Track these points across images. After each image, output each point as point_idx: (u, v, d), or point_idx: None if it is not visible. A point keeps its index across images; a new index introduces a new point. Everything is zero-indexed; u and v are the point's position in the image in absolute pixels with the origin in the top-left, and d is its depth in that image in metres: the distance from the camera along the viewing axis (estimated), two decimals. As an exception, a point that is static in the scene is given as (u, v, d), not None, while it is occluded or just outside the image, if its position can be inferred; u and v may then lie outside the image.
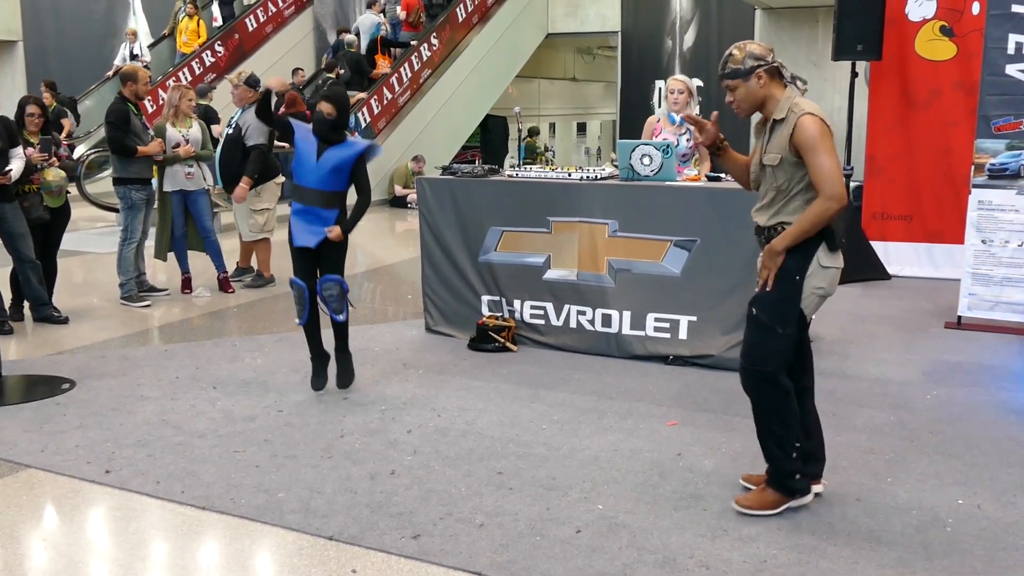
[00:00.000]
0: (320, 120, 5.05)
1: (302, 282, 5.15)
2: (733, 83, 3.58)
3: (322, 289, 5.17)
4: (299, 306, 5.21)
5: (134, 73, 7.58)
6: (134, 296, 7.62)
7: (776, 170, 3.57)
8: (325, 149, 5.09)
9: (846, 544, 3.48)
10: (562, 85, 24.60)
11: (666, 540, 3.51)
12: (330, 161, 5.07)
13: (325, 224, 5.11)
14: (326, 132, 5.07)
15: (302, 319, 5.24)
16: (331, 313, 5.21)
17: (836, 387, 5.41)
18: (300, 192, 5.17)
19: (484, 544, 3.48)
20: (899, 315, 7.28)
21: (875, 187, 8.84)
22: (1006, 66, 6.58)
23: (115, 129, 7.36)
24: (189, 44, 16.89)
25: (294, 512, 3.76)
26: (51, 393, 5.29)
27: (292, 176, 5.22)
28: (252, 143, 7.82)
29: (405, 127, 16.03)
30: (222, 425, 4.78)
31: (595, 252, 6.02)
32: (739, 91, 3.58)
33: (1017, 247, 6.54)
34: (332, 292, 5.16)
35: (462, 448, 4.45)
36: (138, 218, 7.56)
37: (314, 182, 5.10)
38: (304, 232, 5.14)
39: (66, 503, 3.91)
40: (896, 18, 8.49)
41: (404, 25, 17.30)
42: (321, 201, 5.11)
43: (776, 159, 3.56)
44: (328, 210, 5.12)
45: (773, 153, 3.57)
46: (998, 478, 4.11)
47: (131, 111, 7.42)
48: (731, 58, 3.59)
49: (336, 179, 5.11)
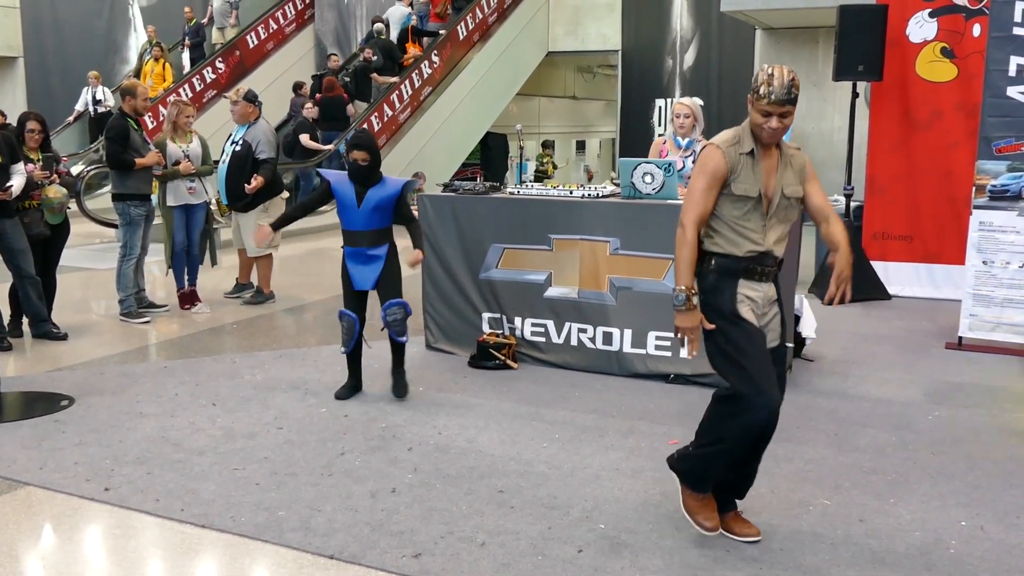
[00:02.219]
0: (355, 168, 5.35)
1: (353, 315, 5.47)
2: (792, 110, 3.45)
3: (386, 314, 5.42)
4: (346, 336, 5.48)
5: (133, 88, 7.60)
6: (133, 312, 7.61)
7: (796, 203, 3.59)
8: (365, 192, 5.35)
9: (849, 565, 3.47)
10: (562, 103, 24.66)
11: (668, 560, 3.50)
12: (371, 202, 5.36)
13: (378, 261, 5.43)
14: (364, 177, 5.35)
15: (347, 348, 5.52)
16: (394, 335, 5.47)
17: (838, 407, 5.40)
18: (350, 236, 5.47)
19: (486, 563, 3.46)
20: (900, 335, 7.27)
21: (876, 207, 8.84)
22: (1007, 88, 6.60)
23: (113, 144, 7.37)
24: (154, 88, 16.19)
25: (294, 530, 3.74)
26: (50, 410, 5.26)
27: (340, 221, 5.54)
28: (264, 157, 7.91)
29: (405, 144, 16.06)
30: (222, 442, 4.76)
31: (596, 270, 6.02)
32: (789, 119, 3.46)
33: (1018, 268, 6.54)
34: (397, 316, 5.42)
35: (463, 466, 4.44)
36: (137, 234, 7.54)
37: (361, 224, 5.40)
38: (361, 275, 5.46)
39: (65, 521, 3.89)
40: (897, 39, 8.52)
41: (432, 16, 17.70)
42: (370, 240, 5.42)
43: (800, 192, 3.58)
44: (377, 248, 5.44)
45: (796, 186, 3.57)
46: (1001, 499, 4.10)
47: (130, 126, 7.43)
48: (795, 84, 3.42)
49: (380, 217, 5.41)
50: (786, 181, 3.54)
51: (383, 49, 16.46)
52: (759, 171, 3.51)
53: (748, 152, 3.50)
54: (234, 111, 8.11)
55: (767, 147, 3.53)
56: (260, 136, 7.78)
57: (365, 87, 16.20)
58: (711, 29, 17.18)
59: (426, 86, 16.48)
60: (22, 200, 6.66)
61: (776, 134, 3.46)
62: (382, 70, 16.22)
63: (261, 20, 17.52)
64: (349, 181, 5.39)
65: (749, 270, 3.54)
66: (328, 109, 15.05)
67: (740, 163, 3.49)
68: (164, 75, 16.84)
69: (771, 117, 3.41)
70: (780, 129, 3.44)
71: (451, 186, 6.76)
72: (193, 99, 14.80)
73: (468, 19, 17.27)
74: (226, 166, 8.04)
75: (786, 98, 3.38)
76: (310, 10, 18.44)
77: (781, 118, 3.42)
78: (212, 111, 15.42)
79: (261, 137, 7.78)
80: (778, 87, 3.38)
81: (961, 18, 8.38)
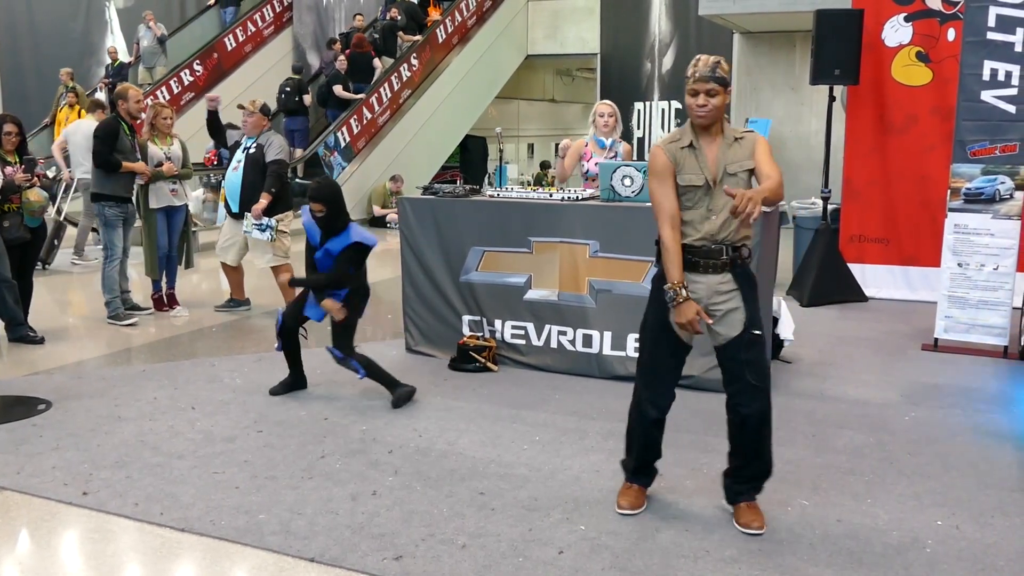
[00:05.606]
0: (315, 218, 5.41)
1: (280, 315, 5.67)
2: (718, 88, 3.61)
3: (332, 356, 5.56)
4: (277, 335, 5.67)
5: (125, 92, 7.58)
6: (120, 315, 7.56)
7: (743, 178, 3.69)
8: (327, 238, 5.44)
9: (827, 565, 3.50)
10: (541, 106, 24.71)
11: (648, 561, 3.51)
12: (326, 247, 5.44)
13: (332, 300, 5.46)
14: (323, 226, 5.42)
15: (277, 346, 5.70)
16: (357, 374, 5.50)
17: (815, 408, 5.44)
18: (311, 271, 5.58)
19: (466, 565, 3.47)
20: (877, 337, 7.33)
21: (852, 210, 8.91)
22: (981, 92, 6.69)
23: (101, 143, 7.33)
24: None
25: (275, 534, 3.73)
26: (27, 414, 5.23)
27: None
28: (271, 158, 7.56)
29: (385, 147, 16.06)
30: (201, 446, 4.75)
31: (576, 272, 6.04)
32: (718, 99, 3.63)
33: (992, 271, 6.62)
34: (337, 359, 5.51)
35: (443, 468, 4.44)
36: (115, 235, 7.49)
37: (320, 266, 5.50)
38: (315, 306, 5.55)
39: (43, 525, 3.86)
40: (873, 43, 8.60)
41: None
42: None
43: (748, 165, 3.68)
44: (338, 291, 5.48)
45: (742, 161, 3.68)
46: (976, 499, 4.14)
47: (121, 128, 7.39)
48: (720, 66, 3.63)
49: (331, 264, 5.47)
50: (730, 160, 3.68)
51: (406, 11, 17.70)
52: (703, 159, 3.69)
53: (688, 145, 3.69)
54: (247, 122, 7.75)
55: (710, 135, 3.70)
56: (273, 139, 7.63)
57: (392, 44, 17.25)
58: (689, 33, 17.27)
59: (405, 89, 16.49)
60: (1, 204, 6.61)
61: (708, 112, 3.63)
62: (405, 30, 17.42)
63: (240, 22, 17.45)
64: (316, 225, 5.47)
65: (692, 263, 3.71)
66: (357, 64, 16.22)
67: (682, 156, 3.69)
68: None
69: (698, 95, 3.61)
70: (709, 107, 3.62)
71: (431, 189, 6.76)
72: (171, 101, 14.71)
73: (447, 22, 17.30)
74: (239, 173, 7.69)
75: (709, 75, 3.59)
76: (288, 12, 18.39)
77: (708, 95, 3.61)
78: (189, 114, 15.33)
79: (274, 140, 7.63)
80: (702, 66, 3.62)
81: (936, 22, 8.47)
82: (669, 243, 3.67)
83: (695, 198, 3.68)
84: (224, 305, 8.27)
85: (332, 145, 15.22)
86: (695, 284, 3.71)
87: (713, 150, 3.69)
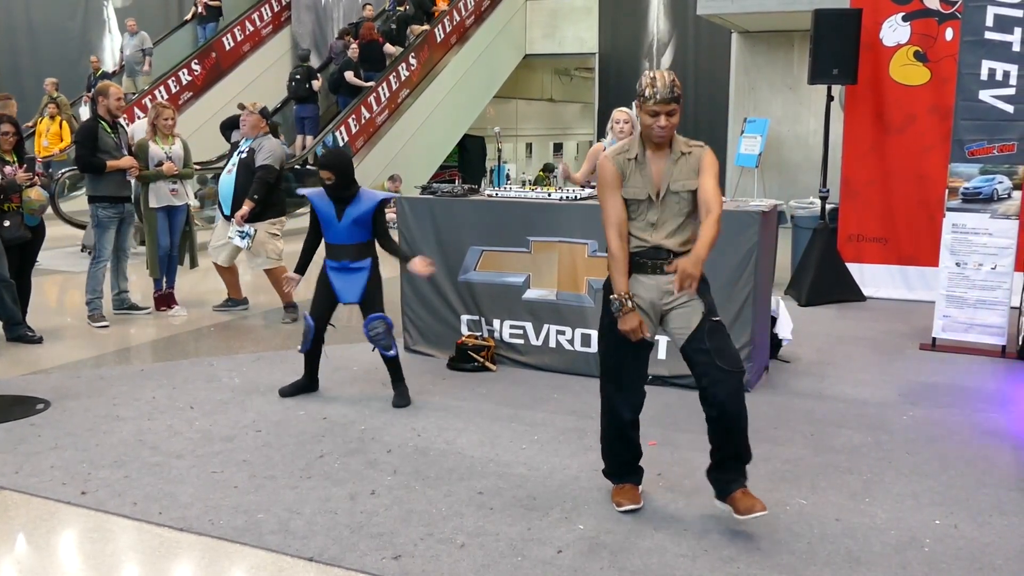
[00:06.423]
0: (325, 187, 5.40)
1: (312, 321, 5.53)
2: (677, 108, 3.68)
3: (368, 329, 5.44)
4: (304, 338, 5.57)
5: (105, 89, 7.54)
6: (96, 316, 7.50)
7: (686, 197, 3.75)
8: (343, 208, 5.40)
9: (825, 564, 3.50)
10: (540, 106, 24.70)
11: (647, 560, 3.52)
12: (350, 216, 5.41)
13: (362, 273, 5.48)
14: (335, 194, 5.39)
15: (302, 348, 5.61)
16: (381, 350, 5.47)
17: (814, 408, 5.45)
18: (332, 250, 5.53)
19: (465, 565, 3.47)
20: (875, 336, 7.34)
21: (850, 210, 8.91)
22: (979, 92, 6.69)
23: (81, 147, 7.32)
24: (49, 148, 14.81)
25: (273, 533, 3.73)
26: (26, 414, 5.23)
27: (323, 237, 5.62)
28: (259, 163, 7.55)
29: (383, 146, 16.04)
30: (200, 445, 4.75)
31: (575, 272, 6.04)
32: (676, 117, 3.70)
33: (990, 270, 6.62)
34: (378, 330, 5.43)
35: (442, 468, 4.44)
36: (106, 237, 7.45)
37: (343, 238, 5.45)
38: (345, 289, 5.50)
39: (41, 525, 3.86)
40: (871, 43, 8.60)
41: None
42: (353, 254, 5.47)
43: (692, 185, 3.74)
44: (360, 261, 5.48)
45: (686, 180, 3.74)
46: (974, 498, 4.15)
47: (100, 128, 7.36)
48: (676, 84, 3.68)
49: (360, 231, 5.46)
50: (675, 177, 3.75)
51: (415, 2, 18.01)
52: (647, 173, 3.76)
53: (634, 158, 3.76)
54: (245, 121, 7.73)
55: (658, 148, 3.76)
56: (265, 144, 7.63)
57: (402, 35, 17.59)
58: (687, 32, 17.27)
59: (404, 88, 16.48)
60: (1, 203, 6.60)
61: (668, 133, 3.70)
62: (412, 19, 17.65)
63: (238, 22, 17.43)
64: (328, 198, 5.42)
65: (639, 264, 3.80)
66: (367, 52, 16.44)
67: (628, 168, 3.77)
68: (61, 135, 15.01)
69: (659, 116, 3.66)
70: (669, 127, 3.69)
71: (429, 188, 6.76)
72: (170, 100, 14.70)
73: (446, 22, 17.30)
74: (232, 176, 7.71)
75: (670, 97, 3.63)
76: (287, 12, 18.37)
77: (668, 116, 3.66)
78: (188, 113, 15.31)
79: (266, 144, 7.62)
80: (661, 87, 3.63)
81: (934, 22, 8.47)
82: (616, 251, 3.77)
83: (638, 210, 3.80)
84: (222, 305, 8.26)
85: (331, 145, 15.22)
86: (644, 285, 3.80)
87: (659, 164, 3.76)
